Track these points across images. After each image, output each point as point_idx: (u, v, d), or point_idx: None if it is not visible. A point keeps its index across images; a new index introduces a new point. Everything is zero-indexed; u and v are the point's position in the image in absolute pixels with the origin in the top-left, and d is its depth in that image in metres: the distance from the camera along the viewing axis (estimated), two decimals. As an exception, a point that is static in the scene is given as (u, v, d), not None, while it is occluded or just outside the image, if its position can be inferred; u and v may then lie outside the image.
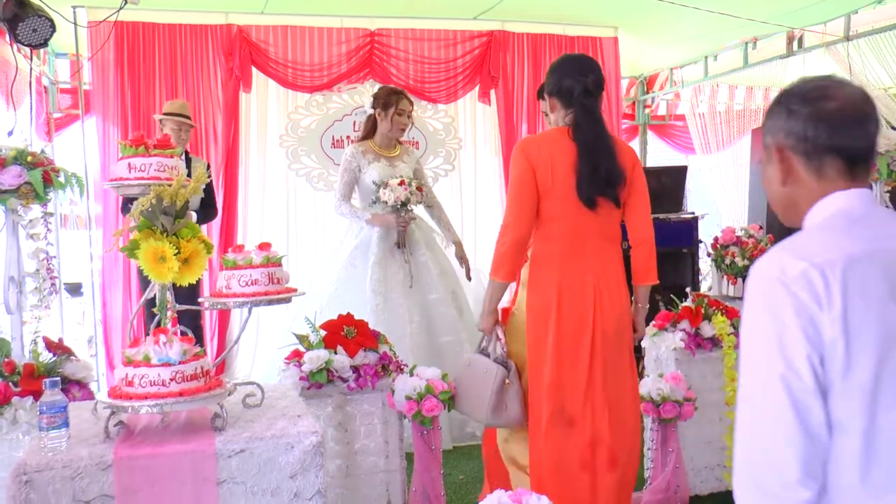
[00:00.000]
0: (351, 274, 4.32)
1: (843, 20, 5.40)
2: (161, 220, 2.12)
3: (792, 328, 1.28)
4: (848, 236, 1.36)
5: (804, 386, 1.28)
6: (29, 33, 4.19)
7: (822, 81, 1.47)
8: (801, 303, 1.28)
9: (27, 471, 1.85)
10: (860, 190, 1.43)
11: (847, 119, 1.42)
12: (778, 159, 1.46)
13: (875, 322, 1.29)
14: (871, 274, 1.31)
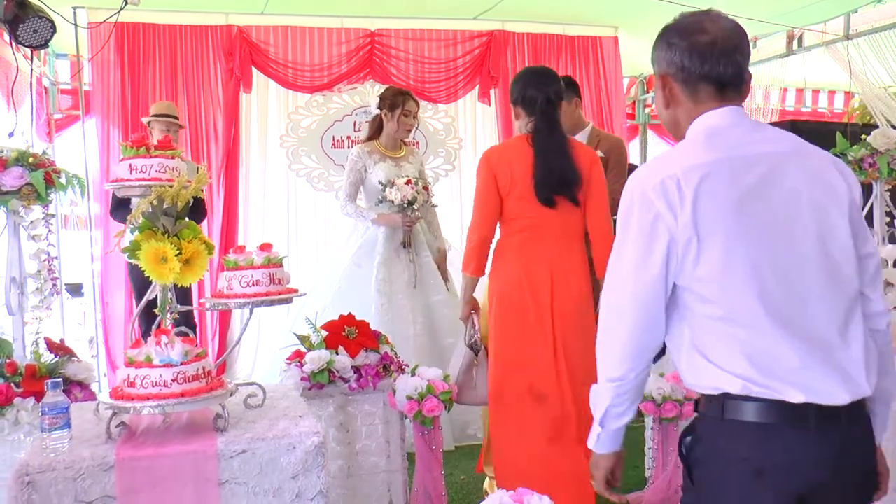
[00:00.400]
0: (356, 273, 4.32)
1: (842, 19, 5.41)
2: (162, 221, 2.12)
3: (647, 229, 1.54)
4: (705, 148, 1.59)
5: (652, 282, 1.55)
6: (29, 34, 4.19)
7: (698, 16, 1.68)
8: (656, 209, 1.53)
9: (29, 472, 1.85)
10: (729, 108, 1.65)
11: (717, 51, 1.62)
12: (661, 85, 1.70)
13: (722, 222, 1.51)
14: (721, 181, 1.53)
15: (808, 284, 1.54)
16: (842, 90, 7.83)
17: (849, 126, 5.78)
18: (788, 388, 1.50)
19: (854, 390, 1.52)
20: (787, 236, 1.55)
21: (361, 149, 4.42)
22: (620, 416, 1.68)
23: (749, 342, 1.52)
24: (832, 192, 1.60)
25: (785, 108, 7.62)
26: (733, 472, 1.55)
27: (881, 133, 3.54)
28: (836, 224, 1.58)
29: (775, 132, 1.70)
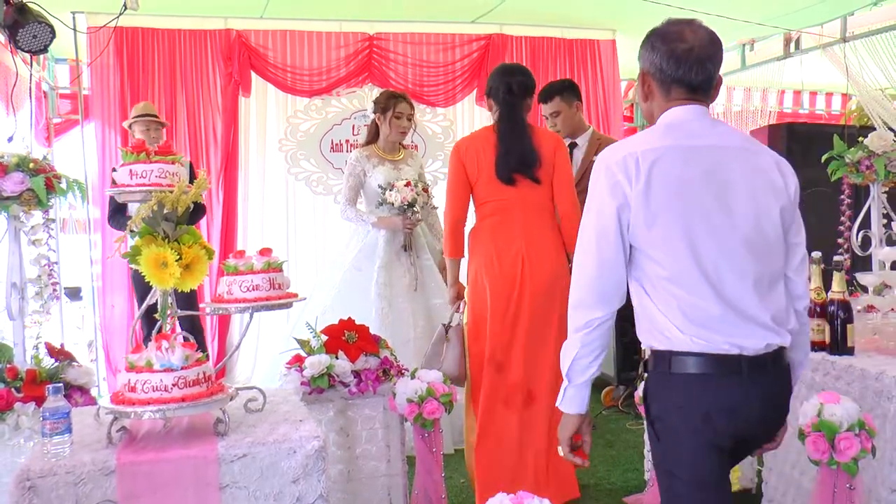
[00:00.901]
0: (356, 277, 4.32)
1: (839, 22, 5.43)
2: (163, 227, 2.13)
3: (606, 196, 1.84)
4: (662, 136, 1.88)
5: (609, 236, 1.84)
6: (29, 39, 4.20)
7: (681, 25, 1.91)
8: (616, 179, 1.83)
9: (30, 476, 1.85)
10: (693, 105, 1.91)
11: (692, 59, 1.87)
12: (641, 81, 1.97)
13: (669, 197, 1.81)
14: (671, 163, 1.82)
15: (738, 257, 1.83)
16: (839, 92, 7.85)
17: (846, 128, 5.79)
18: (720, 340, 1.79)
19: (771, 339, 1.84)
20: (725, 216, 1.83)
21: (360, 153, 4.43)
22: (586, 368, 1.89)
23: (686, 300, 1.81)
24: (770, 185, 1.89)
25: (783, 111, 7.64)
26: (685, 421, 1.84)
27: (878, 135, 3.54)
28: (771, 212, 1.88)
29: (728, 130, 1.98)
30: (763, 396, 1.85)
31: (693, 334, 1.80)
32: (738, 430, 1.84)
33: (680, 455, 1.87)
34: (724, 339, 1.79)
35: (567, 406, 1.93)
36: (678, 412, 1.85)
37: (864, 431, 2.28)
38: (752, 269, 1.84)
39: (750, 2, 5.24)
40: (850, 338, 2.80)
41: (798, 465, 2.96)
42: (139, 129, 4.82)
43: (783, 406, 1.93)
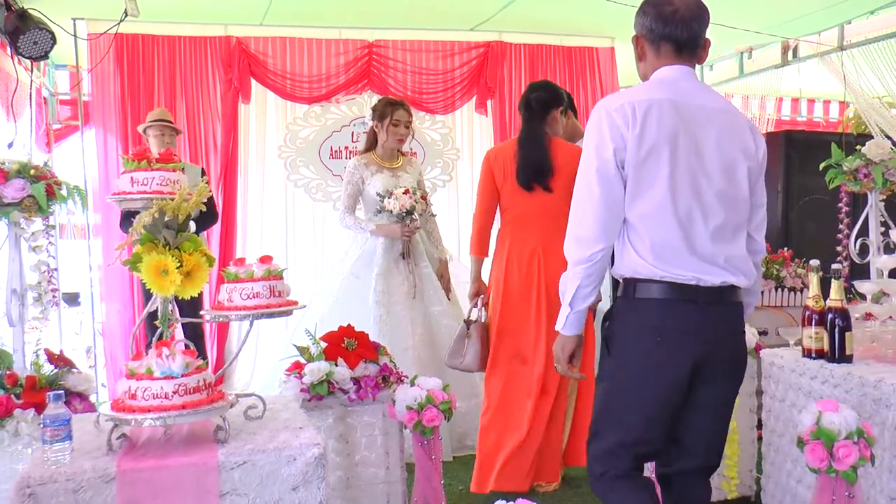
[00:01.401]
0: (354, 285, 4.32)
1: (836, 30, 5.45)
2: (163, 234, 2.14)
3: (606, 138, 2.06)
4: (655, 89, 2.13)
5: (609, 173, 2.06)
6: (30, 46, 4.22)
7: None
8: (615, 123, 2.06)
9: (30, 484, 1.86)
10: (680, 66, 2.17)
11: (677, 18, 2.12)
12: (636, 44, 2.22)
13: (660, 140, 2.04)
14: (666, 112, 2.07)
15: (709, 205, 2.08)
16: (836, 100, 7.87)
17: (844, 136, 5.81)
18: (681, 273, 2.05)
19: (727, 277, 2.09)
20: (702, 167, 2.08)
21: (358, 160, 4.43)
22: (587, 297, 2.13)
23: (657, 237, 2.06)
24: (742, 146, 2.16)
25: (780, 118, 7.67)
26: (641, 337, 2.09)
27: (875, 143, 3.56)
28: (739, 168, 2.14)
29: (712, 92, 2.26)
30: (716, 321, 2.10)
31: (658, 266, 2.06)
32: (697, 356, 2.08)
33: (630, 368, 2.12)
34: (685, 272, 2.05)
35: (568, 329, 2.18)
36: (635, 330, 2.11)
37: (863, 439, 2.29)
38: (720, 217, 2.09)
39: (748, 10, 5.27)
40: (849, 346, 2.81)
41: (795, 473, 2.97)
42: (153, 133, 4.84)
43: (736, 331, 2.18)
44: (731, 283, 2.10)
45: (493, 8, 5.42)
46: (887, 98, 5.58)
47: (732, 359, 2.17)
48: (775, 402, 3.09)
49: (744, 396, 3.35)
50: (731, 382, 2.20)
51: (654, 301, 2.07)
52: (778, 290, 4.48)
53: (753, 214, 2.21)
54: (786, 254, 4.62)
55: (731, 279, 2.10)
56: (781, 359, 3.06)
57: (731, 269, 2.10)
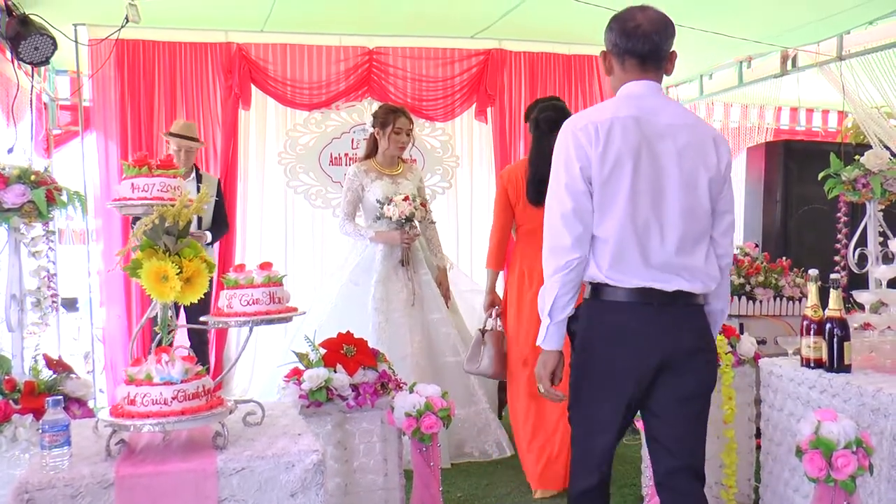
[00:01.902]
0: (353, 292, 4.32)
1: (835, 40, 5.46)
2: (164, 240, 2.14)
3: (573, 157, 2.19)
4: (620, 106, 2.24)
5: (578, 189, 2.18)
6: (31, 51, 4.24)
7: (633, 9, 2.27)
8: (580, 143, 2.18)
9: (29, 489, 1.85)
10: (646, 81, 2.27)
11: (639, 33, 2.23)
12: (604, 59, 2.34)
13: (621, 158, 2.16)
14: (629, 129, 2.18)
15: (668, 216, 2.20)
16: (835, 110, 7.89)
17: (842, 146, 5.82)
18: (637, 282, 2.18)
19: (681, 285, 2.20)
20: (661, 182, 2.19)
21: (358, 167, 4.44)
22: (565, 306, 2.22)
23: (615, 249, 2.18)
24: (704, 159, 2.24)
25: (779, 127, 7.68)
26: (603, 333, 2.23)
27: (874, 154, 3.57)
28: (700, 181, 2.23)
29: (677, 108, 2.35)
30: (673, 321, 2.21)
31: (615, 276, 2.19)
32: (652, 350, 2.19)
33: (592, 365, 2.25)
34: (640, 281, 2.19)
35: (549, 343, 2.26)
36: (598, 326, 2.24)
37: (862, 449, 2.29)
38: (678, 230, 2.20)
39: (747, 20, 5.28)
40: (847, 355, 2.81)
41: (793, 482, 2.97)
42: (173, 146, 4.87)
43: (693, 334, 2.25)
44: (687, 290, 2.22)
45: (493, 16, 5.43)
46: (886, 108, 5.60)
47: (690, 357, 2.23)
48: (774, 412, 3.09)
49: (742, 406, 3.35)
50: (692, 379, 2.25)
51: (615, 303, 2.21)
52: (776, 299, 4.49)
53: (718, 221, 2.30)
54: (784, 263, 4.62)
55: (685, 286, 2.21)
56: (780, 368, 3.06)
57: (688, 277, 2.21)
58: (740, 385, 3.34)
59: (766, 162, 5.83)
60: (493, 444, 4.23)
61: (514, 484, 3.84)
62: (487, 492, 3.77)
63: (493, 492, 3.76)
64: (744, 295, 4.46)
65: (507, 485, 3.84)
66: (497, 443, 4.23)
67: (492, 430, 4.26)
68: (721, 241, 2.32)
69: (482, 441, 4.24)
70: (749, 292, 4.46)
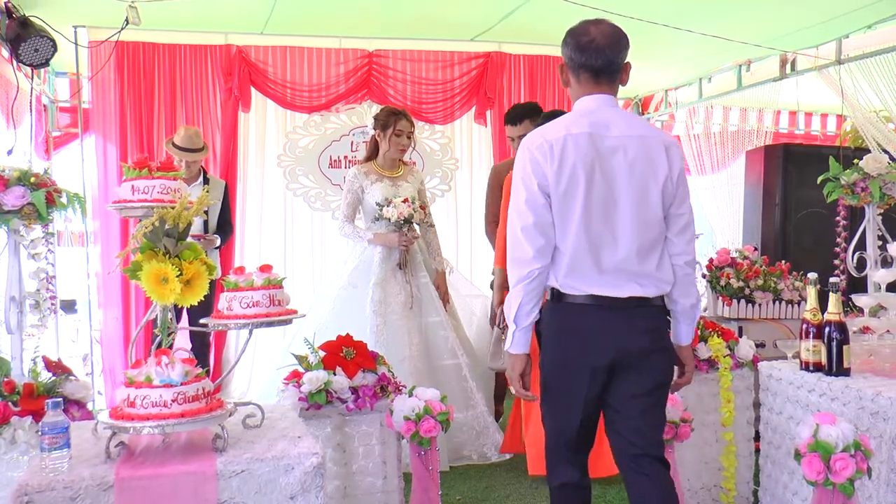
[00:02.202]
0: (351, 294, 4.32)
1: (834, 44, 5.47)
2: (164, 243, 2.14)
3: (530, 174, 2.31)
4: (574, 122, 2.34)
5: (538, 203, 2.30)
6: (31, 53, 4.24)
7: (587, 23, 2.38)
8: (536, 160, 2.31)
9: (28, 491, 1.85)
10: (600, 95, 2.38)
11: (592, 47, 2.32)
12: (561, 72, 2.45)
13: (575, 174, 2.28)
14: (580, 144, 2.29)
15: (620, 226, 2.31)
16: (834, 113, 7.91)
17: (841, 150, 5.83)
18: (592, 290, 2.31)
19: (635, 291, 2.32)
20: (613, 194, 2.31)
21: (358, 169, 4.44)
22: (529, 314, 2.35)
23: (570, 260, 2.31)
24: (654, 169, 2.34)
25: (778, 131, 7.70)
26: (561, 333, 2.38)
27: (872, 158, 3.57)
28: (652, 191, 2.33)
29: (631, 120, 2.42)
30: (627, 323, 2.33)
31: (571, 284, 2.33)
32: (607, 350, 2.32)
33: (552, 360, 2.41)
34: (594, 289, 2.32)
35: (515, 347, 2.39)
36: (559, 331, 2.39)
37: (860, 452, 2.30)
38: (630, 239, 2.31)
39: (746, 23, 5.29)
40: (847, 359, 2.82)
41: (791, 485, 2.97)
42: (177, 157, 4.86)
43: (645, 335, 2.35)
44: (641, 295, 2.34)
45: (492, 18, 5.44)
46: (884, 112, 5.60)
47: (643, 357, 2.35)
48: (773, 415, 3.09)
49: (741, 409, 3.35)
50: (647, 377, 2.36)
51: (571, 306, 2.36)
52: (776, 302, 4.49)
53: (673, 223, 2.40)
54: (783, 266, 4.63)
55: (639, 292, 2.33)
56: (779, 371, 3.06)
57: (641, 283, 2.33)
58: (739, 388, 3.35)
59: (766, 165, 5.84)
60: (492, 448, 4.23)
61: (512, 486, 3.84)
62: (486, 494, 3.77)
63: (492, 494, 3.76)
64: (743, 298, 4.46)
65: (506, 487, 3.84)
66: (496, 446, 4.23)
67: (490, 433, 4.26)
68: (676, 240, 2.41)
69: (481, 444, 4.24)
70: (748, 296, 4.46)
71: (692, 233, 2.47)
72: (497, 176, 4.60)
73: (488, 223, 4.67)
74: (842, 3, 4.80)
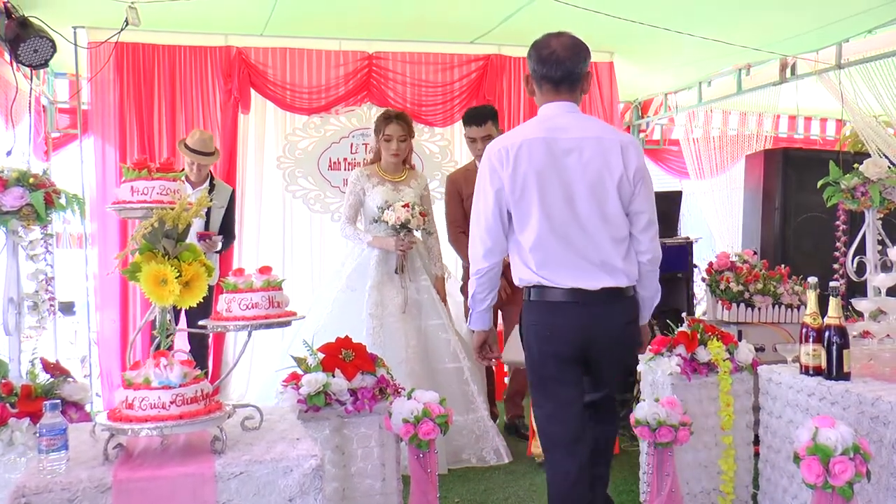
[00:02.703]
0: (349, 297, 4.31)
1: (834, 49, 5.48)
2: (163, 244, 2.13)
3: (488, 180, 2.57)
4: (532, 128, 2.58)
5: (492, 209, 2.56)
6: (30, 54, 4.23)
7: (549, 36, 2.59)
8: (494, 167, 2.56)
9: (26, 493, 1.84)
10: (560, 102, 2.58)
11: (552, 60, 2.54)
12: (526, 82, 2.68)
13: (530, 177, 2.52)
14: (535, 149, 2.52)
15: (583, 221, 2.53)
16: (833, 118, 7.91)
17: (841, 154, 5.83)
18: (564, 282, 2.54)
19: (606, 282, 2.55)
20: (569, 190, 2.52)
21: (361, 171, 4.44)
22: (483, 300, 2.71)
23: (540, 256, 2.54)
24: (608, 168, 2.54)
25: (778, 135, 7.70)
26: (537, 332, 2.63)
27: (872, 162, 3.57)
28: (608, 188, 2.54)
29: (588, 123, 2.63)
30: (597, 316, 2.56)
31: (545, 278, 2.54)
32: (581, 341, 2.57)
33: (533, 357, 2.66)
34: (567, 282, 2.53)
35: (474, 325, 2.78)
36: (533, 328, 2.63)
37: (859, 455, 2.29)
38: (594, 233, 2.53)
39: (746, 27, 5.30)
40: (847, 363, 2.81)
41: (791, 489, 2.97)
42: (187, 161, 4.85)
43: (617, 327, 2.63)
44: (612, 286, 2.56)
45: (492, 21, 5.44)
46: (884, 117, 5.61)
47: (614, 343, 2.65)
48: (772, 419, 3.09)
49: (740, 412, 3.35)
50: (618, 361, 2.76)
51: (546, 303, 2.58)
52: (775, 306, 4.48)
53: (635, 220, 2.61)
54: (783, 271, 4.62)
55: (609, 283, 2.56)
56: (779, 375, 3.06)
57: (611, 273, 2.56)
58: (738, 392, 3.34)
59: (765, 170, 5.83)
60: (492, 452, 4.22)
61: (511, 490, 3.83)
62: (485, 497, 3.76)
63: (491, 497, 3.75)
64: (742, 302, 4.45)
65: (505, 490, 3.83)
66: (495, 450, 4.22)
67: (490, 437, 4.25)
68: (641, 237, 2.62)
69: (480, 448, 4.22)
70: (748, 300, 4.46)
71: (655, 230, 2.66)
72: (452, 183, 4.69)
73: (448, 230, 4.72)
74: (842, 7, 4.80)
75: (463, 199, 4.47)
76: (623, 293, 2.60)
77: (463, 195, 4.47)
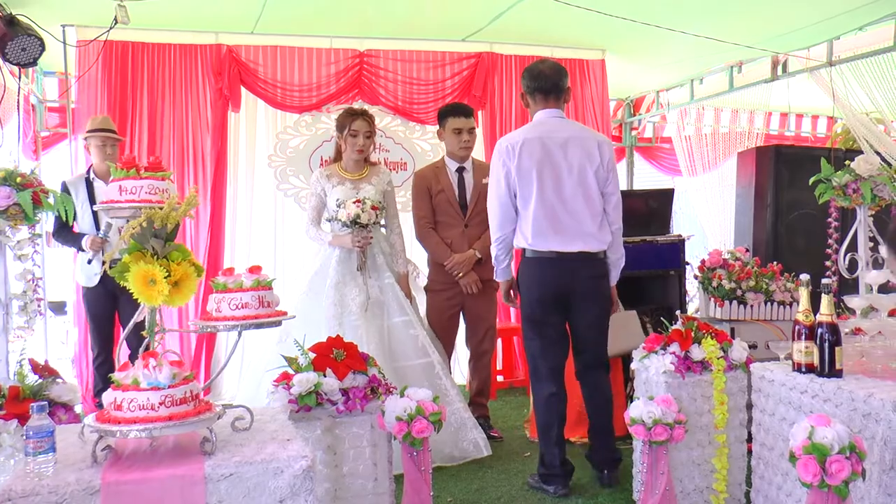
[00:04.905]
0: (311, 297, 4.29)
1: (826, 46, 5.49)
2: (152, 243, 2.11)
3: (500, 170, 3.56)
4: (531, 129, 3.59)
5: (505, 190, 3.57)
6: (18, 52, 4.20)
7: (536, 62, 3.68)
8: (503, 159, 3.55)
9: (12, 496, 1.82)
10: (549, 110, 3.61)
11: (541, 77, 3.59)
12: (522, 98, 3.69)
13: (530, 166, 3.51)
14: (534, 146, 3.51)
15: (568, 200, 3.52)
16: (825, 115, 7.93)
17: (833, 151, 5.84)
18: (550, 246, 3.52)
19: (581, 247, 3.53)
20: (559, 177, 3.51)
21: (321, 172, 4.43)
22: (503, 260, 3.72)
23: (534, 226, 3.52)
24: (589, 160, 3.53)
25: (770, 132, 7.71)
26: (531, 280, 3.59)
27: (864, 159, 3.57)
28: (588, 175, 3.53)
29: (572, 127, 3.66)
30: (575, 270, 3.55)
31: (535, 243, 3.53)
32: (560, 289, 3.56)
33: (525, 301, 3.64)
34: (554, 245, 3.52)
35: (500, 276, 3.79)
36: (525, 279, 3.62)
37: (855, 454, 2.28)
38: (576, 209, 3.51)
39: (738, 25, 5.30)
40: (839, 360, 2.81)
41: (785, 487, 2.97)
42: (95, 143, 4.63)
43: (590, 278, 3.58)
44: (587, 250, 3.53)
45: (484, 19, 5.43)
46: (875, 114, 5.62)
47: (587, 292, 3.59)
48: (765, 416, 3.09)
49: (733, 410, 3.34)
50: (592, 305, 3.61)
51: (537, 260, 3.56)
52: (767, 304, 4.48)
53: (607, 200, 3.58)
54: (775, 268, 4.62)
55: (584, 248, 3.53)
56: (771, 373, 3.05)
57: (586, 240, 3.53)
58: (732, 390, 3.34)
59: (757, 167, 5.84)
60: (471, 444, 4.17)
61: (504, 488, 3.82)
62: (478, 496, 3.75)
63: (484, 496, 3.74)
64: (735, 300, 4.45)
65: (497, 489, 3.82)
66: (474, 443, 4.18)
67: (468, 428, 4.20)
68: (612, 213, 3.59)
69: (460, 440, 4.19)
70: (740, 297, 4.46)
71: (620, 207, 3.60)
72: (421, 179, 4.69)
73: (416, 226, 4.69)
74: (833, 5, 4.81)
75: (432, 195, 4.58)
76: (595, 256, 3.56)
77: (432, 191, 4.59)
